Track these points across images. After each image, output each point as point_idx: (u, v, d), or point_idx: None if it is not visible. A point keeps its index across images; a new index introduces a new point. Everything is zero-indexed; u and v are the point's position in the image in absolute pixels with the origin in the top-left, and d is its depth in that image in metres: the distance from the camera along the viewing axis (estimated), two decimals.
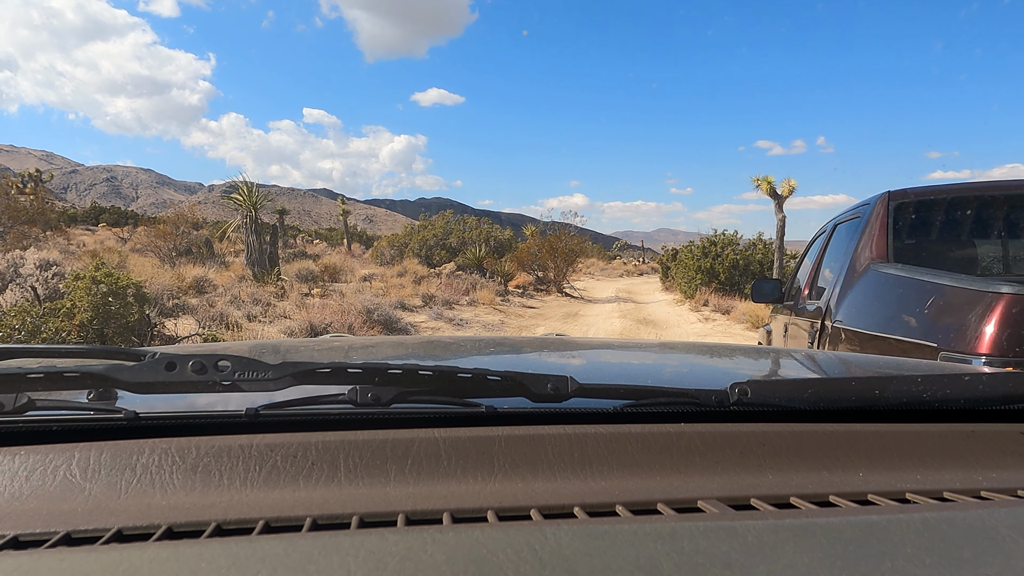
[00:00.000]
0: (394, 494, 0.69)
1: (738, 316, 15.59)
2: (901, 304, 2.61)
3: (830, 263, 3.89)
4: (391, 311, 12.05)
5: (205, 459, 0.73)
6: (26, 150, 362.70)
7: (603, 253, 70.82)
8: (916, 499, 0.71)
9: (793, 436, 0.83)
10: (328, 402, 0.82)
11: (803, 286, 4.30)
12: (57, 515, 0.64)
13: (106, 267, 6.70)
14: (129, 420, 0.79)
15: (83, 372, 0.80)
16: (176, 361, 0.79)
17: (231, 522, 0.63)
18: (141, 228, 27.30)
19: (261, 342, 2.85)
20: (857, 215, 3.58)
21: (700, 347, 2.03)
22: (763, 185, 18.79)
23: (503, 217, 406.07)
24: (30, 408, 0.79)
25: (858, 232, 3.34)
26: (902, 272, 2.71)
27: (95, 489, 0.69)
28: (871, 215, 3.28)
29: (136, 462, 0.72)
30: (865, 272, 3.03)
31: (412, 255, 27.56)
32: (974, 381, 0.93)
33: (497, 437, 0.78)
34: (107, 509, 0.66)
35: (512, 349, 1.83)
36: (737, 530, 0.55)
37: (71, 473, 0.71)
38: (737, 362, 1.62)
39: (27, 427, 0.79)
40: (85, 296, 6.13)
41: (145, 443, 0.75)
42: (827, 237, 4.18)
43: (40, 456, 0.73)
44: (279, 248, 30.16)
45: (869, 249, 3.13)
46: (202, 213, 22.02)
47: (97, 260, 7.92)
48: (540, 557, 0.49)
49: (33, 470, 0.71)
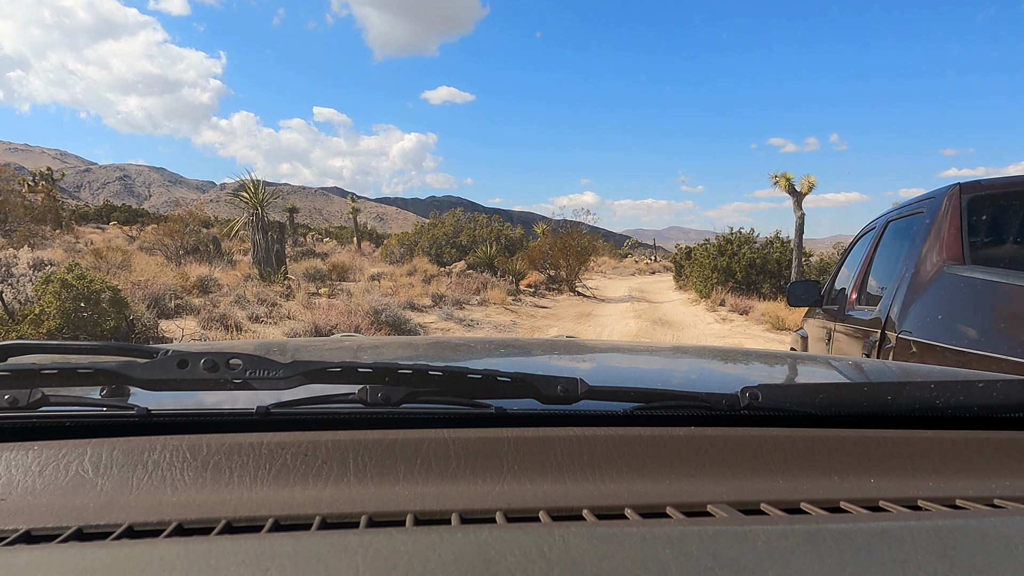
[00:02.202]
0: (403, 494, 0.70)
1: (757, 317, 15.15)
2: (998, 315, 2.22)
3: (883, 265, 3.51)
4: (400, 311, 11.71)
5: (216, 456, 0.73)
6: (40, 149, 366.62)
7: (614, 251, 70.39)
8: (928, 506, 0.71)
9: (804, 441, 0.82)
10: (338, 401, 0.82)
11: (849, 290, 3.91)
12: (69, 510, 0.65)
13: (78, 269, 6.25)
14: (141, 417, 0.80)
15: (96, 368, 0.79)
16: (188, 359, 0.79)
17: (241, 519, 0.64)
18: (151, 227, 27.14)
19: (269, 341, 2.86)
20: (917, 211, 3.19)
21: (711, 350, 2.01)
22: (781, 182, 18.28)
23: (514, 215, 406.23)
24: (44, 404, 0.79)
25: (923, 230, 2.95)
26: (993, 276, 2.31)
27: (107, 485, 0.70)
28: (939, 211, 2.88)
29: (148, 459, 0.73)
30: (937, 277, 2.64)
31: (422, 254, 27.25)
32: (988, 388, 0.91)
33: (506, 438, 0.78)
34: (118, 505, 0.66)
35: (522, 351, 1.82)
36: (747, 535, 0.54)
37: (83, 469, 0.72)
38: (748, 366, 1.61)
39: (40, 422, 0.80)
40: (54, 301, 5.71)
41: (157, 440, 0.75)
42: (876, 236, 3.80)
43: (53, 451, 0.73)
44: (288, 247, 30.05)
45: (938, 250, 2.74)
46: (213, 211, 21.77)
47: (70, 261, 7.51)
48: (548, 559, 0.49)
49: (46, 465, 0.72)
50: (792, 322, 13.70)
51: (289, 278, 15.62)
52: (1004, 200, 2.90)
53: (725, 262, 20.01)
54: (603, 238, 39.31)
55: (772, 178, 18.55)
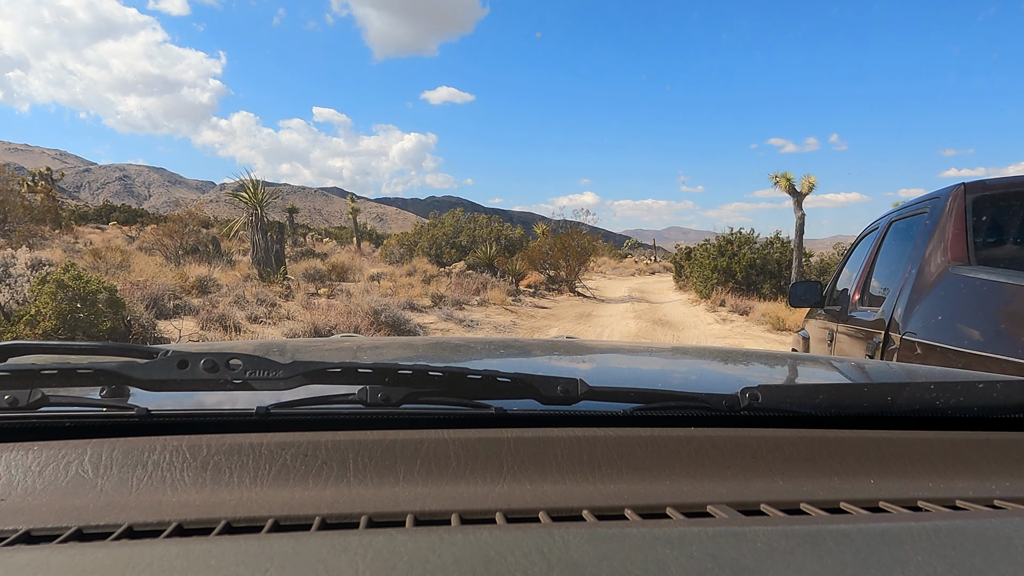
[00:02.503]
0: (403, 494, 0.70)
1: (757, 317, 15.12)
2: (1003, 316, 2.19)
3: (887, 266, 3.48)
4: (399, 312, 11.67)
5: (216, 457, 0.73)
6: (40, 149, 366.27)
7: (614, 252, 70.31)
8: (928, 507, 0.71)
9: (804, 442, 0.82)
10: (338, 402, 0.82)
11: (852, 291, 3.88)
12: (69, 511, 0.65)
13: (74, 269, 6.20)
14: (141, 417, 0.79)
15: (96, 369, 0.79)
16: (188, 359, 0.79)
17: (241, 520, 0.63)
18: (151, 227, 27.06)
19: (269, 341, 2.80)
20: (920, 211, 3.16)
21: (711, 351, 2.01)
22: (782, 182, 18.25)
23: (513, 215, 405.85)
24: (44, 404, 0.79)
25: (926, 231, 2.92)
26: (999, 277, 2.28)
27: (107, 485, 0.70)
28: (943, 211, 2.86)
29: (147, 459, 0.73)
30: (942, 278, 2.61)
31: (422, 254, 27.20)
32: (988, 389, 0.91)
33: (506, 439, 0.78)
34: (118, 505, 0.66)
35: (522, 351, 1.81)
36: (747, 535, 0.54)
37: (83, 469, 0.71)
38: (747, 367, 1.60)
39: (40, 423, 0.80)
40: (50, 302, 5.67)
41: (156, 440, 0.75)
42: (879, 237, 3.77)
43: (53, 452, 0.73)
44: (288, 247, 29.98)
45: (943, 250, 2.71)
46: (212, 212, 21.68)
47: (67, 261, 7.46)
48: (548, 560, 0.49)
49: (46, 465, 0.72)
50: (793, 323, 13.67)
51: (288, 278, 15.59)
52: (1009, 200, 2.87)
53: (725, 262, 19.97)
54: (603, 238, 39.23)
55: (772, 178, 18.51)
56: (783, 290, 18.96)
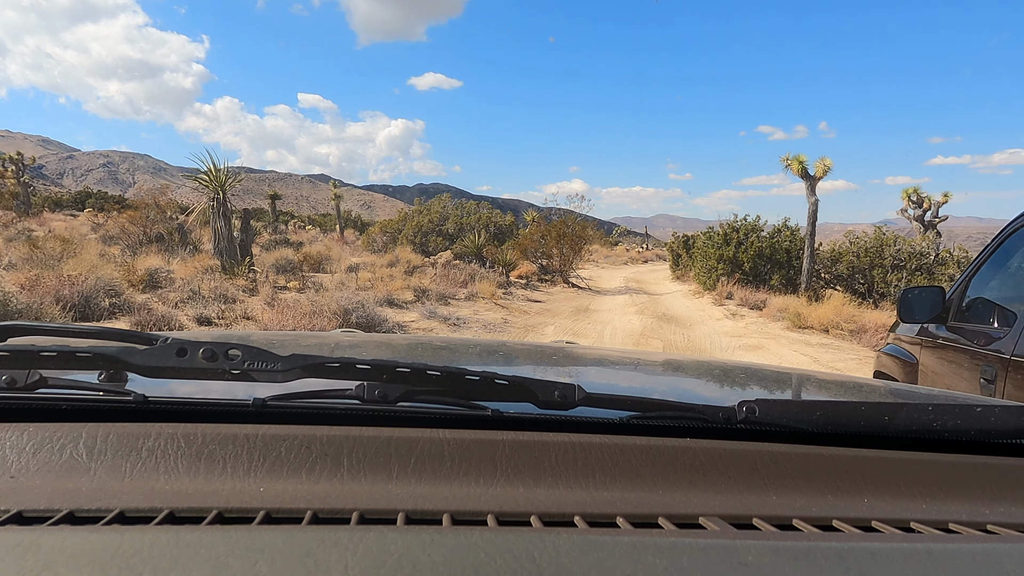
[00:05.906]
0: (396, 492, 0.69)
1: (773, 313, 13.78)
2: None
3: None
4: (375, 309, 10.25)
5: (210, 446, 0.73)
6: (22, 135, 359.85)
7: (605, 239, 68.97)
8: (921, 529, 0.70)
9: (799, 458, 0.81)
10: (335, 397, 0.81)
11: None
12: (61, 493, 0.65)
13: None
14: (138, 403, 0.80)
15: (95, 353, 0.78)
16: (187, 347, 0.78)
17: (232, 510, 0.63)
18: (125, 214, 25.40)
19: (270, 333, 2.89)
20: None
21: (710, 363, 1.98)
22: (794, 165, 16.88)
23: (502, 203, 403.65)
24: (41, 386, 0.79)
25: None
26: None
27: (100, 470, 0.70)
28: None
29: (142, 445, 0.72)
30: None
31: (406, 242, 25.69)
32: (986, 413, 0.89)
33: (501, 441, 0.77)
34: (111, 490, 0.66)
35: (520, 354, 1.81)
36: (737, 549, 0.54)
37: (78, 452, 0.71)
38: (746, 380, 1.57)
39: (37, 404, 0.80)
40: None
41: (152, 427, 0.75)
42: None
43: (48, 434, 0.73)
44: (266, 234, 28.32)
45: None
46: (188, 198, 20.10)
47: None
48: (538, 564, 0.49)
49: (40, 447, 0.71)
50: (816, 321, 12.34)
51: (255, 270, 14.07)
52: None
53: (732, 252, 18.62)
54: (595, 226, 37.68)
55: (783, 161, 17.15)
56: (792, 281, 17.68)
